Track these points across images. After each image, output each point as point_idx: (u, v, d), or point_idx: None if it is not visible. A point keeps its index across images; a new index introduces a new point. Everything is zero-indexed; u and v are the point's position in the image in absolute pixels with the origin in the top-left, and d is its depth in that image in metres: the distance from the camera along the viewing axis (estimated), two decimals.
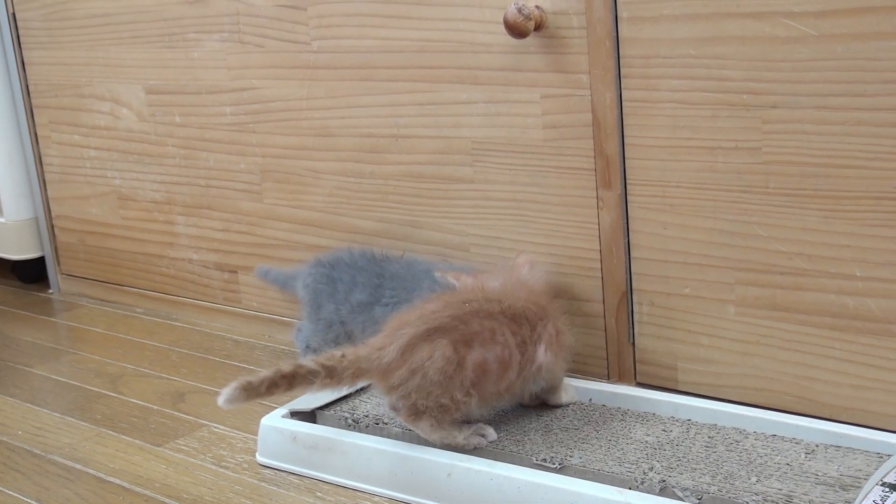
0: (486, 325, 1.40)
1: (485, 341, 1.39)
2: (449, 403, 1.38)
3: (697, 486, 1.27)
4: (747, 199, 1.45)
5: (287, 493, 1.46)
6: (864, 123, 1.33)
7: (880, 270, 1.36)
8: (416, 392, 1.37)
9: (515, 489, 1.33)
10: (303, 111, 1.93)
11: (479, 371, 1.38)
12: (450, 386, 1.37)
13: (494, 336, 1.39)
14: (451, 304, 1.43)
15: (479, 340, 1.38)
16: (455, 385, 1.37)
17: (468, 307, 1.42)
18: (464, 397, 1.38)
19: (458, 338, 1.38)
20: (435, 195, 1.79)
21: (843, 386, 1.43)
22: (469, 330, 1.39)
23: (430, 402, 1.38)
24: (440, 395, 1.37)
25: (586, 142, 1.58)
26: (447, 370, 1.36)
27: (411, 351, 1.37)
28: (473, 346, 1.38)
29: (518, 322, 1.42)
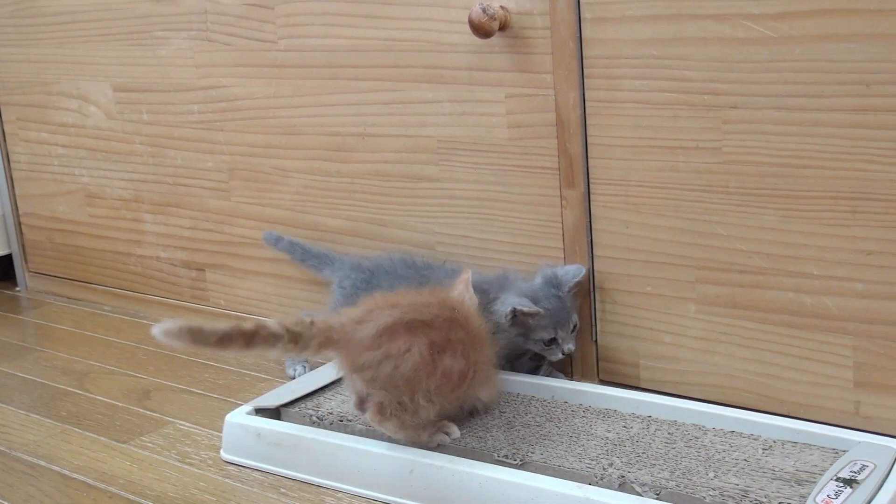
0: (461, 336, 1.39)
1: (455, 353, 1.38)
2: (408, 403, 1.36)
3: (656, 482, 1.29)
4: (708, 198, 1.47)
5: (251, 490, 1.47)
6: (821, 124, 1.35)
7: (837, 269, 1.38)
8: (383, 381, 1.34)
9: (477, 485, 1.34)
10: (270, 109, 1.93)
11: (443, 379, 1.37)
12: (417, 386, 1.36)
13: (464, 350, 1.39)
14: (442, 305, 1.41)
15: (452, 350, 1.37)
16: (421, 387, 1.36)
17: (454, 314, 1.41)
18: (425, 402, 1.37)
19: (438, 341, 1.36)
20: (401, 193, 1.80)
21: (800, 383, 1.45)
22: (448, 337, 1.38)
23: (392, 395, 1.36)
24: (404, 391, 1.36)
25: (550, 141, 1.59)
26: (420, 369, 1.35)
27: (390, 337, 1.34)
28: (446, 353, 1.37)
29: (478, 344, 1.42)
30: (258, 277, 2.06)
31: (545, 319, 1.56)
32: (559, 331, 1.57)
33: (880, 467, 1.28)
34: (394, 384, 1.35)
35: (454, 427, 1.45)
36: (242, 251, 2.07)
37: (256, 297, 2.07)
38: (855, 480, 1.25)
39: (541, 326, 1.57)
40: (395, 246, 1.81)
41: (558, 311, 1.57)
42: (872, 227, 1.34)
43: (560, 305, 1.57)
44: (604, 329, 1.62)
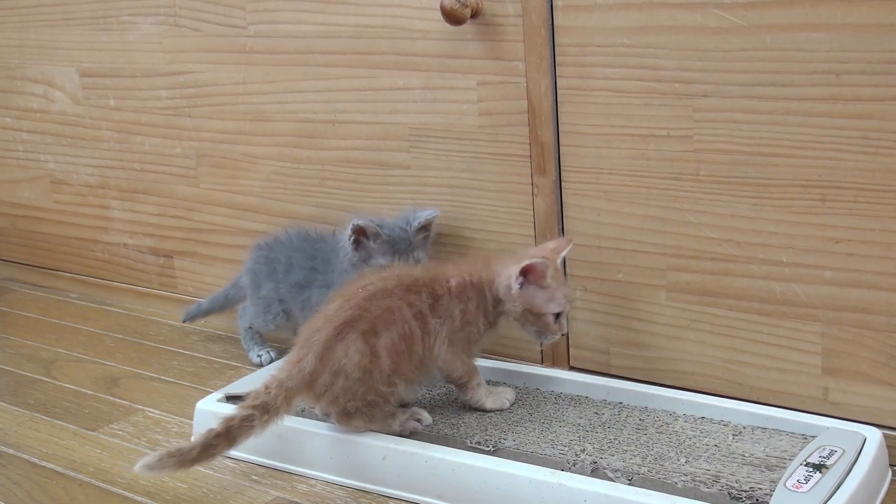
0: (384, 304, 1.39)
1: (387, 323, 1.38)
2: (376, 398, 1.38)
3: (628, 467, 1.30)
4: (679, 186, 1.48)
5: (223, 477, 1.47)
6: (791, 113, 1.36)
7: (806, 257, 1.40)
8: (343, 394, 1.37)
9: (450, 471, 1.34)
10: (239, 96, 1.92)
11: (392, 355, 1.37)
12: (371, 380, 1.36)
13: (393, 314, 1.38)
14: (349, 294, 1.41)
15: (382, 323, 1.38)
16: (375, 378, 1.37)
17: (363, 292, 1.40)
18: (387, 388, 1.38)
19: (365, 327, 1.37)
20: (372, 180, 1.80)
21: (770, 369, 1.46)
22: (371, 316, 1.38)
23: (357, 402, 1.37)
24: (365, 392, 1.37)
25: (522, 129, 1.60)
26: (364, 364, 1.36)
27: (328, 353, 1.36)
28: (379, 331, 1.37)
29: (415, 291, 1.42)
30: (226, 264, 2.05)
31: (385, 246, 1.63)
32: (397, 260, 1.62)
33: (849, 453, 1.30)
34: (353, 392, 1.37)
35: (425, 413, 1.45)
36: (211, 238, 2.06)
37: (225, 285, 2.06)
38: (824, 465, 1.26)
39: (381, 252, 1.63)
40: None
41: (400, 241, 1.63)
42: (841, 216, 1.36)
43: (404, 238, 1.63)
44: (575, 316, 1.62)
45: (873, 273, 1.35)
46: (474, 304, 1.44)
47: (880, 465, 1.33)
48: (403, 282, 1.42)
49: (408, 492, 1.37)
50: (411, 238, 1.64)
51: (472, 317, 1.44)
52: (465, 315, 1.43)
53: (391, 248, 1.63)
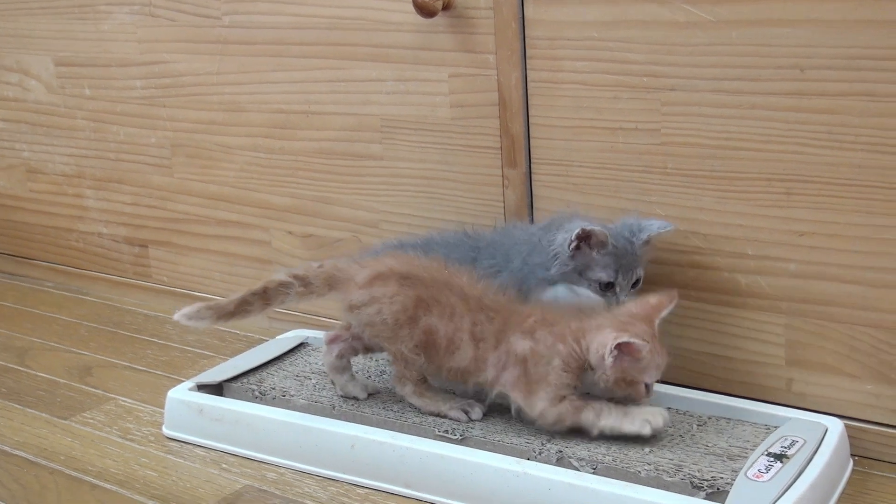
0: (452, 301, 1.38)
1: (442, 314, 1.38)
2: (399, 353, 1.40)
3: (593, 457, 1.31)
4: (647, 178, 1.49)
5: (193, 465, 1.48)
6: (757, 107, 1.38)
7: (770, 249, 1.41)
8: (369, 324, 1.39)
9: (417, 460, 1.36)
10: (213, 86, 1.93)
11: (427, 336, 1.38)
12: (398, 335, 1.38)
13: (453, 315, 1.37)
14: (437, 268, 1.41)
15: (438, 311, 1.38)
16: (403, 337, 1.38)
17: (448, 277, 1.40)
18: (411, 353, 1.39)
19: (423, 296, 1.38)
20: (345, 171, 1.81)
21: (735, 360, 1.48)
22: (436, 297, 1.38)
23: (382, 341, 1.40)
24: (389, 338, 1.39)
25: (492, 121, 1.61)
26: (399, 319, 1.38)
27: (381, 282, 1.38)
28: (432, 312, 1.38)
29: (486, 316, 1.37)
30: (201, 254, 2.05)
31: (610, 258, 1.42)
32: (620, 276, 1.43)
33: (810, 443, 1.32)
34: (378, 330, 1.39)
35: (478, 408, 1.43)
36: (185, 228, 2.07)
37: (200, 274, 2.07)
38: (785, 455, 1.28)
39: (603, 265, 1.42)
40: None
41: (626, 255, 1.43)
42: (805, 209, 1.37)
43: (629, 250, 1.43)
44: None
45: (837, 266, 1.37)
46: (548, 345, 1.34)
47: (841, 455, 1.35)
48: (483, 299, 1.38)
49: (376, 480, 1.39)
50: (637, 252, 1.44)
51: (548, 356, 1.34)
52: (536, 353, 1.34)
53: (615, 260, 1.42)
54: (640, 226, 1.44)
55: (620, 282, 1.43)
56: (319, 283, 1.40)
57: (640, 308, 1.36)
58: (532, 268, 1.45)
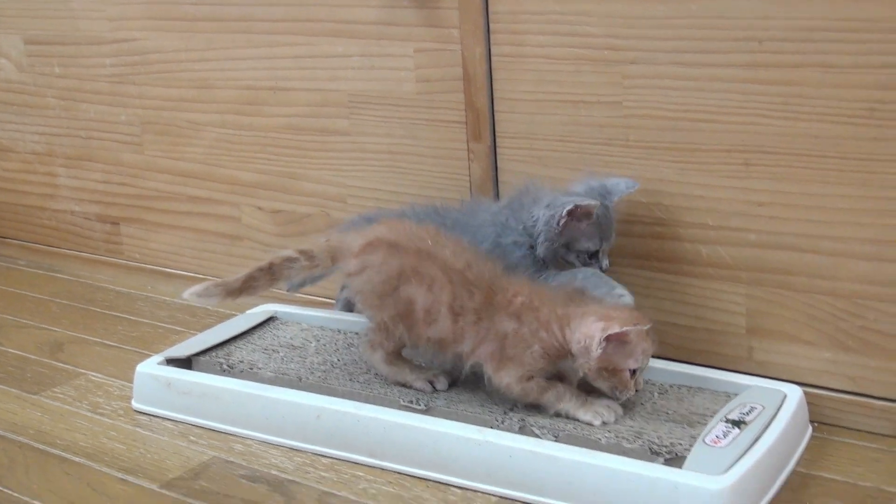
0: (432, 272, 1.37)
1: (421, 284, 1.38)
2: (382, 322, 1.41)
3: (555, 425, 1.33)
4: (609, 151, 1.51)
5: (161, 438, 1.49)
6: (716, 79, 1.39)
7: (731, 219, 1.43)
8: (360, 292, 1.42)
9: (381, 430, 1.37)
10: (182, 63, 1.93)
11: (406, 306, 1.39)
12: (383, 305, 1.40)
13: (432, 286, 1.37)
14: (423, 237, 1.41)
15: (418, 281, 1.38)
16: (387, 305, 1.40)
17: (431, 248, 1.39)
18: (392, 323, 1.41)
19: (405, 266, 1.39)
20: (312, 147, 1.82)
21: (696, 330, 1.50)
22: (416, 267, 1.38)
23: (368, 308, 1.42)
24: (375, 306, 1.41)
25: (457, 95, 1.62)
26: (384, 288, 1.39)
27: (371, 250, 1.41)
28: (411, 282, 1.38)
29: (468, 292, 1.36)
30: (173, 231, 2.06)
31: (594, 227, 1.42)
32: (604, 243, 1.44)
33: (768, 409, 1.34)
34: (366, 297, 1.42)
35: (444, 379, 1.45)
36: (156, 205, 2.07)
37: (171, 251, 2.08)
38: (743, 421, 1.30)
39: (588, 235, 1.43)
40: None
41: (605, 221, 1.43)
42: (764, 179, 1.39)
43: (606, 216, 1.43)
44: None
45: (794, 235, 1.39)
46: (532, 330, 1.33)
47: (800, 421, 1.37)
48: (465, 273, 1.37)
49: (341, 450, 1.40)
50: (612, 215, 1.44)
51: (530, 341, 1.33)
52: (519, 335, 1.33)
53: (598, 229, 1.43)
54: (608, 188, 1.45)
55: (604, 248, 1.45)
56: (323, 257, 1.43)
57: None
58: (505, 248, 1.46)
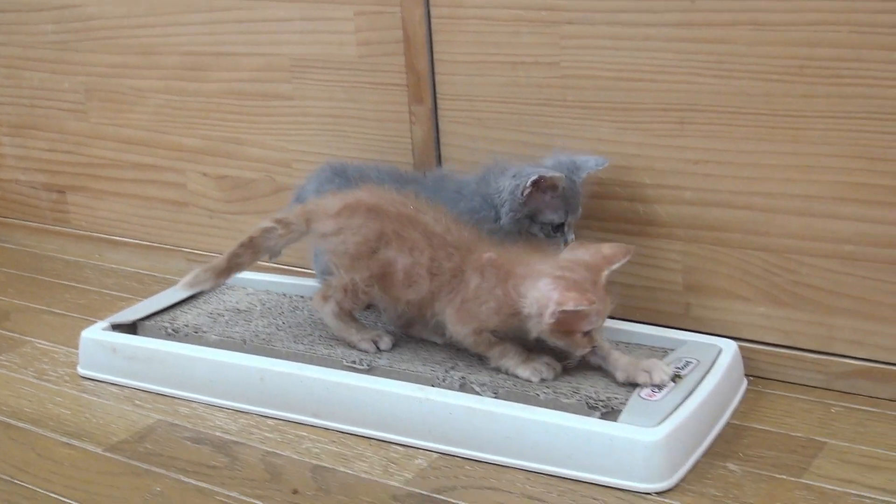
0: (414, 237, 1.39)
1: (402, 248, 1.39)
2: (351, 282, 1.42)
3: (495, 382, 1.35)
4: (547, 111, 1.52)
5: (106, 403, 1.50)
6: (651, 38, 1.41)
7: (667, 178, 1.45)
8: (334, 252, 1.42)
9: (325, 390, 1.39)
10: (125, 29, 1.92)
11: (385, 269, 1.40)
12: (356, 266, 1.41)
13: (413, 250, 1.39)
14: (405, 203, 1.42)
15: (399, 244, 1.39)
16: (360, 267, 1.41)
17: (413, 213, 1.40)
18: (365, 286, 1.42)
19: (386, 230, 1.40)
20: (256, 112, 1.82)
21: (636, 287, 1.52)
22: (398, 231, 1.39)
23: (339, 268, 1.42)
24: (347, 267, 1.41)
25: (398, 58, 1.63)
26: (361, 251, 1.40)
27: (350, 212, 1.41)
28: (391, 245, 1.40)
29: (446, 253, 1.37)
30: (119, 198, 2.06)
31: (559, 200, 1.43)
32: (569, 216, 1.45)
33: (703, 363, 1.36)
34: (339, 256, 1.42)
35: (388, 338, 1.47)
36: (102, 172, 2.07)
37: (118, 218, 2.07)
38: (678, 376, 1.33)
39: (553, 207, 1.43)
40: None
41: (572, 195, 1.44)
42: (698, 137, 1.41)
43: (573, 190, 1.44)
44: None
45: (729, 192, 1.41)
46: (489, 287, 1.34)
47: (734, 374, 1.40)
48: (446, 236, 1.38)
49: (285, 411, 1.42)
50: (579, 190, 1.45)
51: (485, 297, 1.34)
52: (478, 290, 1.35)
53: (563, 202, 1.43)
54: (577, 164, 1.45)
55: (569, 221, 1.45)
56: (299, 221, 1.44)
57: (591, 256, 1.34)
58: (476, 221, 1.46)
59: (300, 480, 1.28)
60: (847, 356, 1.40)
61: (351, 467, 1.30)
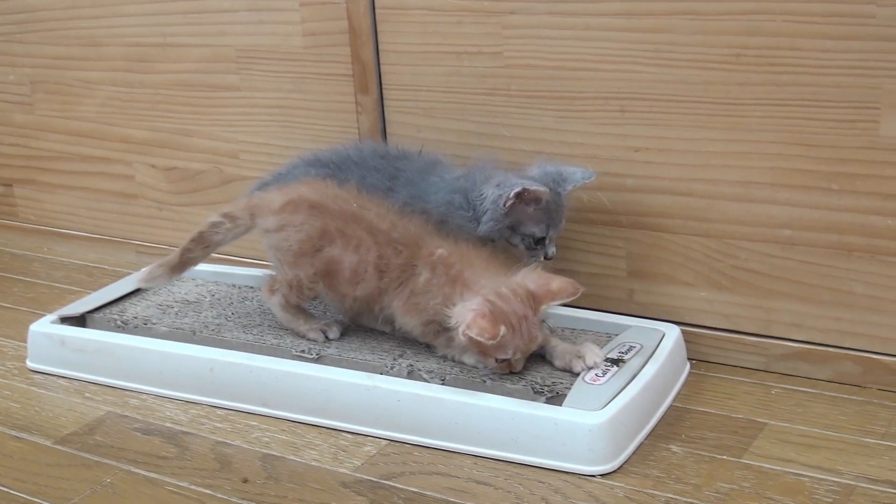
0: (359, 234, 1.39)
1: (347, 246, 1.39)
2: (296, 279, 1.43)
3: (442, 369, 1.37)
4: (492, 101, 1.54)
5: (56, 396, 1.50)
6: (591, 28, 1.43)
7: (610, 165, 1.47)
8: (276, 248, 1.43)
9: (274, 379, 1.40)
10: (69, 20, 1.92)
11: (330, 266, 1.40)
12: (299, 262, 1.41)
13: (359, 248, 1.39)
14: (347, 199, 1.42)
15: (344, 242, 1.40)
16: (304, 265, 1.41)
17: (357, 210, 1.41)
18: (310, 283, 1.42)
19: (330, 228, 1.40)
20: (204, 103, 1.82)
21: (580, 274, 1.54)
22: (342, 229, 1.40)
23: (283, 265, 1.43)
24: (290, 263, 1.42)
25: (344, 48, 1.64)
26: (304, 248, 1.41)
27: (292, 209, 1.42)
28: (336, 243, 1.40)
29: (394, 250, 1.38)
30: (67, 191, 2.05)
31: (542, 213, 1.40)
32: (551, 230, 1.42)
33: (647, 348, 1.39)
34: (282, 252, 1.43)
35: (336, 329, 1.48)
36: (50, 165, 2.06)
37: (66, 211, 2.07)
38: (622, 360, 1.35)
39: (535, 220, 1.40)
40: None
41: (556, 208, 1.41)
42: (639, 125, 1.44)
43: (557, 202, 1.41)
44: None
45: (669, 179, 1.44)
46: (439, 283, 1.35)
47: (677, 358, 1.43)
48: (391, 233, 1.39)
49: (235, 401, 1.43)
50: (563, 203, 1.42)
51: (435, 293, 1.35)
52: (428, 285, 1.36)
53: (546, 215, 1.40)
54: (563, 176, 1.42)
55: (551, 234, 1.43)
56: (244, 216, 1.45)
57: (538, 287, 1.32)
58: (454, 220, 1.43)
59: (250, 469, 1.29)
60: (786, 339, 1.43)
61: (300, 455, 1.31)
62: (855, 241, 1.34)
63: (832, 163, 1.33)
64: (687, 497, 1.18)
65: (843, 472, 1.20)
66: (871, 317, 1.37)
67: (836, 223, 1.35)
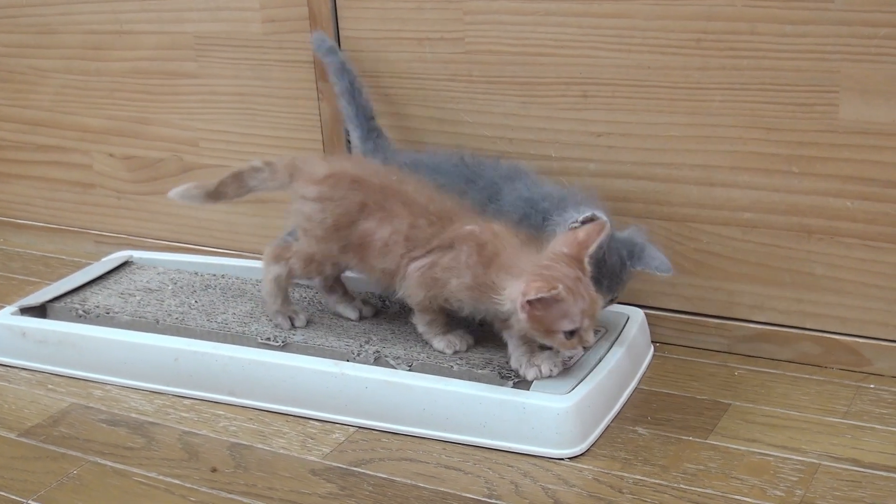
0: (395, 207, 1.37)
1: (383, 218, 1.37)
2: (318, 254, 1.42)
3: (409, 355, 1.37)
4: (454, 87, 1.54)
5: (18, 388, 1.49)
6: (552, 13, 1.43)
7: (572, 150, 1.48)
8: (309, 219, 1.41)
9: (240, 368, 1.40)
10: (22, 7, 1.89)
11: (364, 238, 1.38)
12: (331, 237, 1.40)
13: (393, 220, 1.37)
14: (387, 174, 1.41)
15: (381, 215, 1.37)
16: (336, 238, 1.39)
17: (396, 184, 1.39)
18: (340, 253, 1.41)
19: (368, 202, 1.38)
20: (161, 91, 1.81)
21: None
22: (380, 202, 1.37)
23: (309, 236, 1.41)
24: (320, 238, 1.40)
25: (304, 35, 1.63)
26: (340, 222, 1.39)
27: (335, 182, 1.40)
28: (372, 216, 1.38)
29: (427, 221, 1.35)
30: (22, 181, 2.03)
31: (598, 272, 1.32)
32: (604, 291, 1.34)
33: (612, 332, 1.40)
34: (313, 224, 1.41)
35: (303, 317, 1.48)
36: (4, 154, 2.04)
37: (22, 201, 2.05)
38: None
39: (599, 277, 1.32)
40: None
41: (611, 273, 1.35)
42: (601, 110, 1.44)
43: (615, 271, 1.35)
44: None
45: (631, 164, 1.45)
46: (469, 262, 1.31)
47: (641, 341, 1.44)
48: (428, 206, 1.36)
49: (201, 390, 1.42)
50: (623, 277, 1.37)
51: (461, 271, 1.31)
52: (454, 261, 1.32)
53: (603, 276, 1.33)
54: (642, 256, 1.35)
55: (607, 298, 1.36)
56: (283, 171, 1.44)
57: (570, 247, 1.26)
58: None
59: (218, 459, 1.29)
60: (748, 320, 1.45)
61: (269, 444, 1.32)
62: (815, 224, 1.36)
63: (792, 146, 1.35)
64: (654, 478, 1.19)
65: (806, 451, 1.22)
66: (831, 298, 1.39)
67: (797, 206, 1.37)
